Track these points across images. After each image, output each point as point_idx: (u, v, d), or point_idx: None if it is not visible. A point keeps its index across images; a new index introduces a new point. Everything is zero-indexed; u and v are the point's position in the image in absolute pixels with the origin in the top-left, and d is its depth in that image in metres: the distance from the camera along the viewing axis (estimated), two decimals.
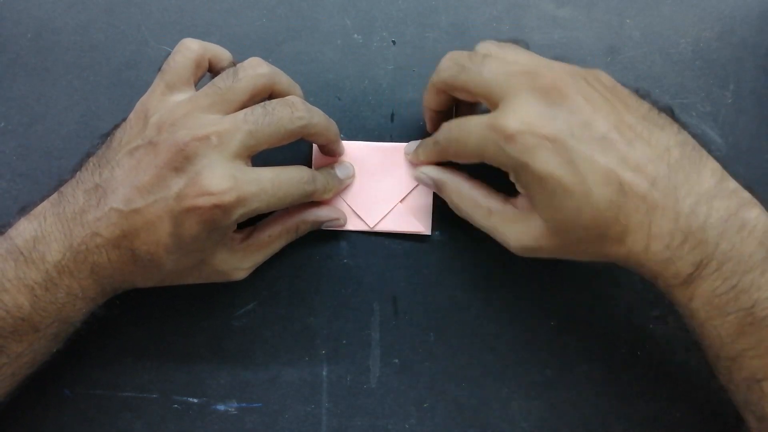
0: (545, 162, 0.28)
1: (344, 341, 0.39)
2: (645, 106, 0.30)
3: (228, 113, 0.32)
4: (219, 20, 0.41)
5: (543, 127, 0.28)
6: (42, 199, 0.33)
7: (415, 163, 0.37)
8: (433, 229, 0.39)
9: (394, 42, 0.40)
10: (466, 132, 0.31)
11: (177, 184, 0.30)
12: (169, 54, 0.34)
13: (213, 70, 0.35)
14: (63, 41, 0.41)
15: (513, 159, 0.29)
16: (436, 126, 0.35)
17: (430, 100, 0.35)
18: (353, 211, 0.39)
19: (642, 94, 0.31)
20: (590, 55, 0.40)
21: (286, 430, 0.39)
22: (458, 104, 0.37)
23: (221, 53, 0.35)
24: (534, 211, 0.31)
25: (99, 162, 0.32)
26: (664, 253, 0.28)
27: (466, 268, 0.39)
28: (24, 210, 0.33)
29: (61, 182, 0.33)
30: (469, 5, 0.40)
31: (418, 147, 0.36)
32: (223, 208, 0.30)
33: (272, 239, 0.36)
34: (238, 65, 0.33)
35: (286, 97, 0.33)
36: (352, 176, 0.38)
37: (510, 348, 0.39)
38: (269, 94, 0.34)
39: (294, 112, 0.32)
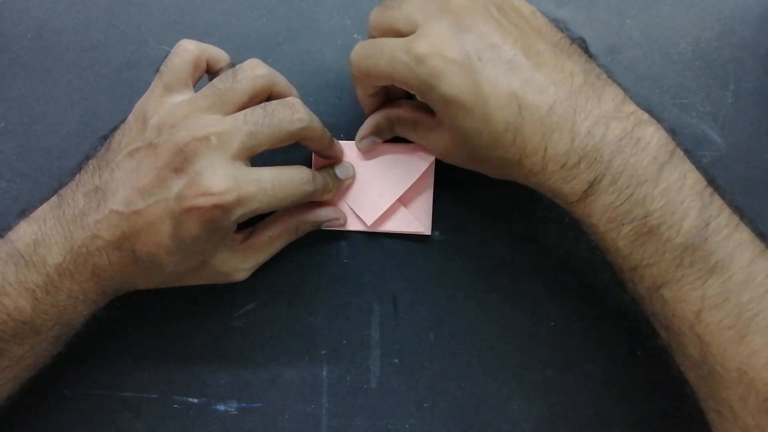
0: (450, 84, 0.29)
1: (344, 341, 0.39)
2: (557, 35, 0.31)
3: (227, 114, 0.32)
4: (219, 20, 0.41)
5: (451, 50, 0.29)
6: (41, 202, 0.33)
7: (364, 104, 0.37)
8: (433, 229, 0.39)
9: None
10: (378, 50, 0.31)
11: (177, 184, 0.30)
12: (167, 55, 0.34)
13: (211, 72, 0.35)
14: (63, 41, 0.41)
15: (421, 80, 0.30)
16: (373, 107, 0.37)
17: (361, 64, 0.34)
18: (353, 211, 0.39)
19: (559, 26, 0.32)
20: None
21: (286, 430, 0.39)
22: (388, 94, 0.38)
23: (219, 54, 0.35)
24: (444, 125, 0.32)
25: (98, 164, 0.32)
26: (560, 173, 0.29)
27: (466, 268, 0.39)
28: (24, 213, 0.33)
29: (61, 184, 0.33)
30: None
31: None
32: (223, 208, 0.30)
33: (272, 240, 0.36)
34: (237, 66, 0.33)
35: (286, 99, 0.33)
36: (352, 176, 0.38)
37: (510, 348, 0.39)
38: (268, 95, 0.34)
39: (294, 114, 0.32)
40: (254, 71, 0.33)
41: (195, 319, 0.39)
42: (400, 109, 0.36)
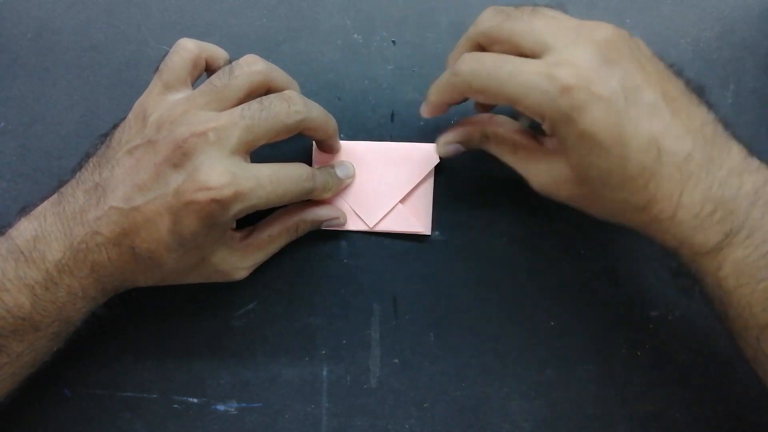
0: (593, 120, 0.28)
1: (344, 341, 0.39)
2: (682, 82, 0.30)
3: (225, 110, 0.32)
4: (219, 20, 0.41)
5: (599, 86, 0.28)
6: (42, 200, 0.33)
7: (428, 109, 0.35)
8: (433, 229, 0.39)
9: (394, 42, 0.40)
10: (506, 71, 0.29)
11: (176, 180, 0.30)
12: (166, 54, 0.34)
13: (210, 70, 0.35)
14: (63, 41, 0.41)
15: (561, 113, 0.28)
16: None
17: (446, 85, 0.32)
18: (353, 210, 0.39)
19: (676, 71, 0.31)
20: None
21: (286, 430, 0.39)
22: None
23: (218, 53, 0.35)
24: (563, 156, 0.30)
25: (99, 162, 0.32)
26: (692, 222, 0.28)
27: (466, 268, 0.39)
28: (24, 210, 0.33)
29: (61, 183, 0.33)
30: (469, 5, 0.40)
31: (431, 90, 0.34)
32: (221, 203, 0.30)
33: (272, 238, 0.36)
34: (234, 63, 0.33)
35: (283, 92, 0.33)
36: (352, 176, 0.38)
37: (510, 348, 0.39)
38: (266, 90, 0.34)
39: (291, 106, 0.32)
40: (251, 67, 0.33)
41: (195, 319, 0.39)
42: (501, 127, 0.34)
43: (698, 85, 0.31)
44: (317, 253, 0.39)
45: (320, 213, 0.37)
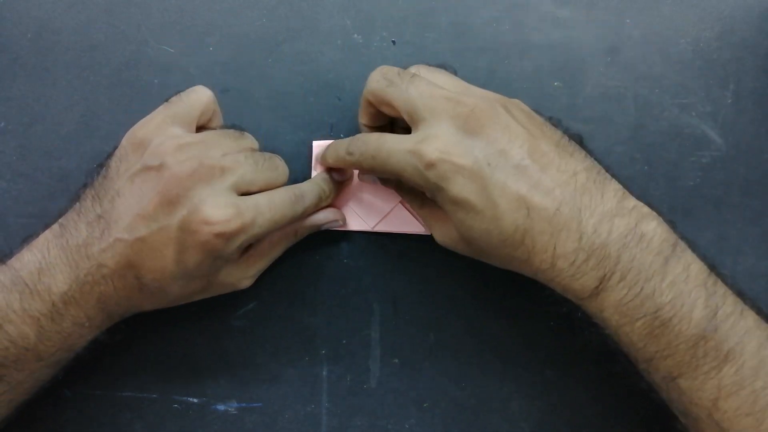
0: (460, 188, 0.30)
1: (344, 341, 0.39)
2: (558, 134, 0.32)
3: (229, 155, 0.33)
4: (219, 20, 0.41)
5: (460, 157, 0.30)
6: (43, 229, 0.33)
7: (323, 165, 0.37)
8: None
9: (394, 42, 0.40)
10: (385, 151, 0.31)
11: (180, 212, 0.30)
12: (178, 92, 0.34)
13: (207, 128, 0.36)
14: (63, 41, 0.41)
15: (431, 183, 0.30)
16: None
17: (363, 114, 0.36)
18: (353, 211, 0.39)
19: (554, 123, 0.33)
20: (590, 55, 0.40)
21: (286, 430, 0.39)
22: (393, 122, 0.37)
23: (220, 117, 0.36)
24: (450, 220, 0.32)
25: (97, 193, 0.32)
26: (569, 270, 0.30)
27: (466, 268, 0.39)
28: (27, 240, 0.33)
29: (60, 213, 0.33)
30: (469, 5, 0.40)
31: (326, 150, 0.36)
32: (225, 237, 0.30)
33: (272, 245, 0.36)
34: (244, 132, 0.35)
35: (276, 155, 0.35)
36: (351, 177, 0.38)
37: (510, 348, 0.39)
38: None
39: (283, 166, 0.35)
40: (254, 141, 0.35)
41: (195, 319, 0.39)
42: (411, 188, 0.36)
43: (576, 133, 0.32)
44: (317, 253, 0.39)
45: (318, 217, 0.37)
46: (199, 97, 0.34)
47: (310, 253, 0.39)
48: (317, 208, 0.36)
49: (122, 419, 0.39)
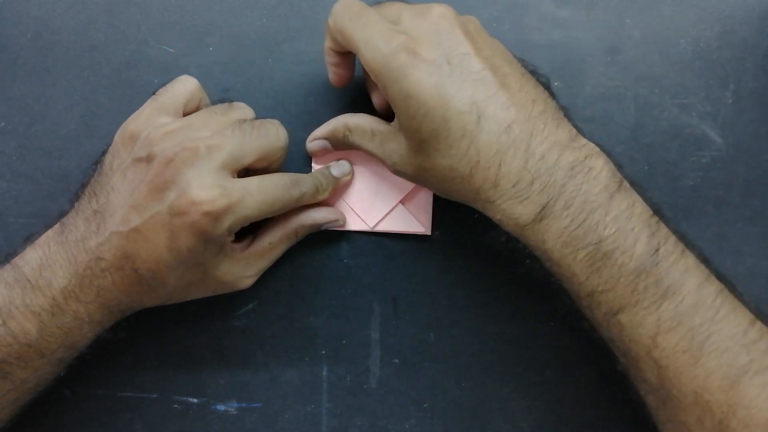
0: (417, 81, 0.30)
1: (344, 341, 0.39)
2: (524, 69, 0.32)
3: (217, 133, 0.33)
4: (219, 20, 0.41)
5: (425, 50, 0.30)
6: (46, 229, 0.33)
7: (331, 75, 0.37)
8: (433, 229, 0.39)
9: None
10: (362, 21, 0.31)
11: (168, 197, 0.30)
12: (164, 84, 0.35)
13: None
14: (63, 41, 0.41)
15: (389, 70, 0.30)
16: (342, 79, 0.36)
17: (328, 39, 0.35)
18: (353, 211, 0.39)
19: (518, 57, 0.33)
20: (590, 55, 0.40)
21: (286, 430, 0.39)
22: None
23: (208, 103, 0.36)
24: (403, 131, 0.32)
25: (93, 190, 0.33)
26: (511, 192, 0.30)
27: (466, 268, 0.39)
28: (29, 239, 0.33)
29: (62, 213, 0.33)
30: (469, 5, 0.40)
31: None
32: (213, 216, 0.30)
33: (273, 245, 0.36)
34: (232, 103, 0.35)
35: (274, 120, 0.35)
36: (349, 173, 0.38)
37: (510, 348, 0.39)
38: None
39: (279, 129, 0.34)
40: (246, 108, 0.35)
41: (195, 319, 0.39)
42: (361, 119, 0.36)
43: (544, 76, 0.33)
44: (317, 253, 0.39)
45: (318, 216, 0.37)
46: (184, 85, 0.35)
47: (310, 253, 0.39)
48: (315, 198, 0.36)
49: (122, 419, 0.39)
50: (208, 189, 0.30)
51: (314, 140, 0.38)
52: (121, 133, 0.33)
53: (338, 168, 0.38)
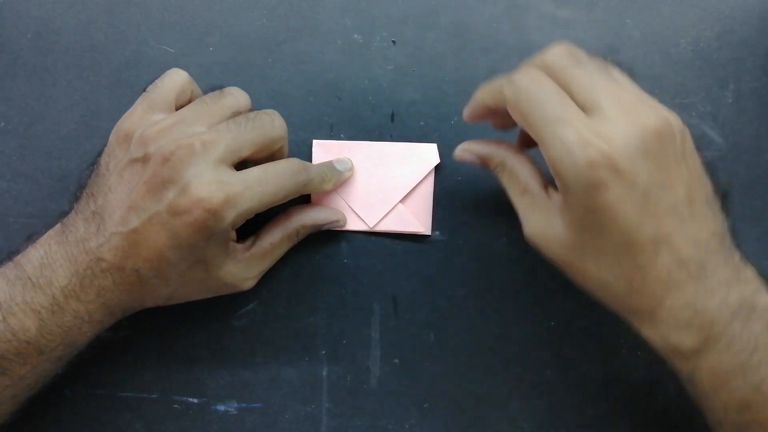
0: (607, 203, 0.27)
1: (344, 341, 0.39)
2: (709, 186, 0.30)
3: (211, 126, 0.32)
4: (219, 20, 0.41)
5: (627, 172, 0.27)
6: (47, 229, 0.33)
7: (469, 110, 0.34)
8: (433, 229, 0.39)
9: (394, 42, 0.40)
10: (552, 112, 0.28)
11: (167, 196, 0.30)
12: (154, 80, 0.34)
13: None
14: (63, 41, 0.41)
15: (579, 181, 0.27)
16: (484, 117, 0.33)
17: (480, 103, 0.32)
18: (353, 210, 0.39)
19: (710, 169, 0.30)
20: None
21: (286, 430, 0.39)
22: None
23: (200, 94, 0.36)
24: (564, 218, 0.30)
25: (91, 191, 0.32)
26: (670, 323, 0.28)
27: (466, 268, 0.39)
28: (31, 238, 0.33)
29: (62, 214, 0.33)
30: (469, 5, 0.40)
31: (479, 88, 0.33)
32: (213, 212, 0.30)
33: (274, 246, 0.36)
34: (223, 89, 0.35)
35: (268, 110, 0.34)
36: (351, 169, 0.38)
37: (510, 348, 0.39)
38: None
39: (275, 120, 0.34)
40: (238, 93, 0.35)
41: (195, 319, 0.39)
42: (521, 166, 0.33)
43: (724, 189, 0.31)
44: (317, 253, 0.39)
45: (319, 217, 0.37)
46: (173, 79, 0.34)
47: (310, 253, 0.39)
48: (320, 187, 0.36)
49: (122, 419, 0.39)
50: (207, 185, 0.30)
51: (466, 151, 0.35)
52: (116, 132, 0.33)
53: (341, 163, 0.38)
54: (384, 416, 0.39)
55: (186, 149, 0.30)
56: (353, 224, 0.39)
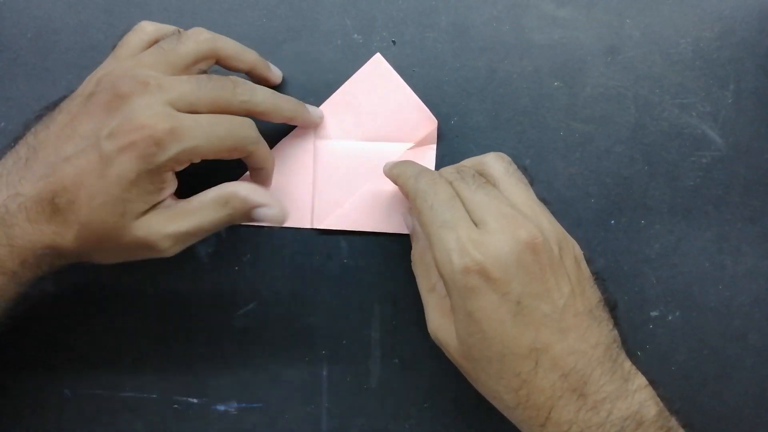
0: (481, 309, 0.28)
1: (344, 341, 0.39)
2: (596, 296, 0.30)
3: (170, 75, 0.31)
4: (219, 20, 0.41)
5: (499, 282, 0.28)
6: None
7: (387, 175, 0.35)
8: None
9: (394, 42, 0.40)
10: (443, 220, 0.29)
11: (109, 125, 0.29)
12: (123, 34, 0.34)
13: None
14: (63, 41, 0.41)
15: (456, 286, 0.29)
16: None
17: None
18: (353, 210, 0.39)
19: (599, 279, 0.31)
20: (590, 55, 0.40)
21: (286, 430, 0.39)
22: None
23: (174, 31, 0.35)
24: (455, 323, 0.30)
25: (36, 128, 0.31)
26: None
27: None
28: None
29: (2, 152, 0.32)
30: (469, 5, 0.40)
31: (395, 165, 0.35)
32: (157, 140, 0.28)
33: (201, 205, 0.32)
34: (182, 32, 0.33)
35: (232, 76, 0.33)
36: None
37: None
38: (214, 62, 0.34)
39: (236, 88, 0.32)
40: (198, 36, 0.33)
41: (195, 319, 0.39)
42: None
43: (612, 300, 0.32)
44: (317, 253, 0.39)
45: (256, 196, 0.33)
46: (139, 35, 0.33)
47: (310, 253, 0.39)
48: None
49: (122, 419, 0.39)
50: (156, 115, 0.28)
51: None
52: (83, 83, 0.32)
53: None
54: (384, 416, 0.39)
55: (140, 86, 0.29)
56: (352, 224, 0.39)
